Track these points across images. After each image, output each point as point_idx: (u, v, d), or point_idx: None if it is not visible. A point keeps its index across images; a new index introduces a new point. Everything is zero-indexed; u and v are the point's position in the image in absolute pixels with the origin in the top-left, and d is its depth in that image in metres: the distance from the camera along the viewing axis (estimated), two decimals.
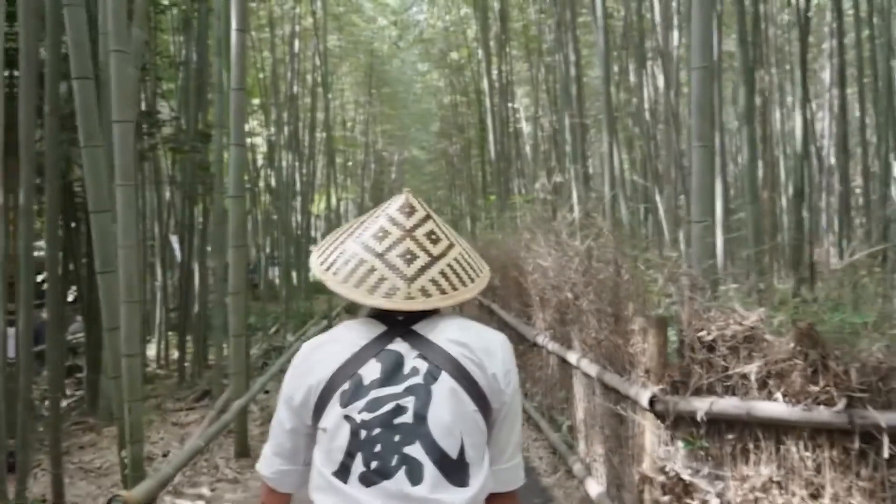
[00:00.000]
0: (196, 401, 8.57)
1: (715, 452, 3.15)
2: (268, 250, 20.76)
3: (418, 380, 1.36)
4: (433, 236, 1.48)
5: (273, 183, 16.79)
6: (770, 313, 3.10)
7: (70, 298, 9.17)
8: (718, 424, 3.12)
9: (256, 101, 17.78)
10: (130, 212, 4.60)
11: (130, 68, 6.16)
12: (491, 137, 16.45)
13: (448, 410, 1.34)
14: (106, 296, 4.67)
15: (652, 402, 3.30)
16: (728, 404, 3.04)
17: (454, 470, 1.32)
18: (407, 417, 1.32)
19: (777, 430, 2.93)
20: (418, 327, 1.45)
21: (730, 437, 3.09)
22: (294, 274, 17.39)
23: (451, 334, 1.43)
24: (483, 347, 1.43)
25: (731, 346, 3.07)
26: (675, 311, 3.43)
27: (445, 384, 1.36)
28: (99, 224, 4.60)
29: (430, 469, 1.30)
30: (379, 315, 1.48)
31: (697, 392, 3.17)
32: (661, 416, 3.32)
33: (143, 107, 9.76)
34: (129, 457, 4.63)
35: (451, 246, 1.50)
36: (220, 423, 5.51)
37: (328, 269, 1.48)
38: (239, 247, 5.76)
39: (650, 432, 3.42)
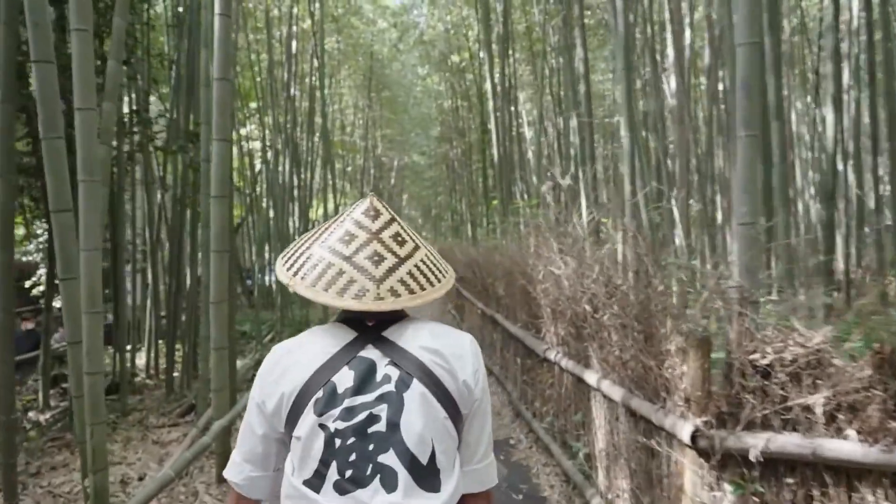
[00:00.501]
0: (181, 415, 8.13)
1: (771, 499, 2.63)
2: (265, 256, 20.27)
3: (390, 387, 1.36)
4: (399, 238, 1.48)
5: (271, 187, 16.28)
6: (837, 333, 2.59)
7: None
8: (776, 466, 2.61)
9: (254, 104, 17.34)
10: (95, 211, 4.08)
11: (113, 63, 5.70)
12: (494, 140, 15.97)
13: (419, 417, 1.34)
14: (67, 305, 4.17)
15: (694, 436, 2.79)
16: (788, 441, 2.52)
17: (426, 476, 1.33)
18: (380, 426, 1.33)
19: (849, 474, 2.42)
20: (388, 333, 1.45)
21: (790, 481, 2.57)
22: None
23: (423, 341, 1.43)
24: (454, 353, 1.44)
25: (792, 373, 2.56)
26: (719, 328, 2.92)
27: (417, 391, 1.36)
28: (59, 224, 4.10)
29: (403, 476, 1.30)
30: (348, 320, 1.48)
31: (750, 426, 2.66)
32: (704, 454, 2.81)
33: (134, 105, 9.39)
34: (92, 487, 4.12)
35: (416, 248, 1.51)
36: (196, 446, 4.96)
37: (295, 273, 1.46)
38: (221, 252, 5.22)
39: (691, 472, 2.91)
